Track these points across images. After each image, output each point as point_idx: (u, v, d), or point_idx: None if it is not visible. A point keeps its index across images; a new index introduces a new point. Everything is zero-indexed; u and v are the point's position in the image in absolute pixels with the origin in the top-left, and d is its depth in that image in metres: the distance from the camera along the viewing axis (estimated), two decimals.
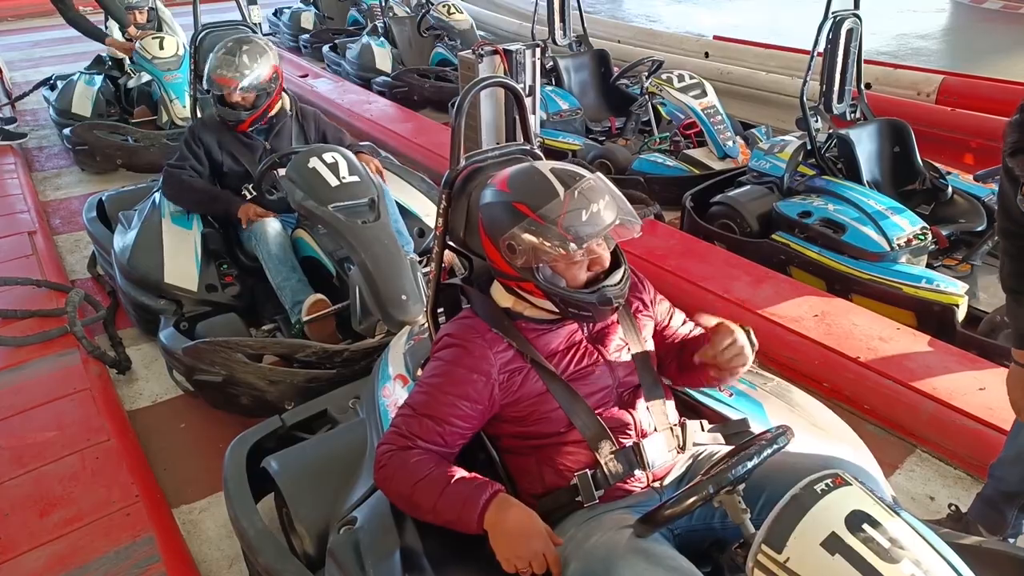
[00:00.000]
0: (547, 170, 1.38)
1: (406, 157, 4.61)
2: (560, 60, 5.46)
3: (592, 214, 1.32)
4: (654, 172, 4.44)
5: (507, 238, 1.35)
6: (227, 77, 2.86)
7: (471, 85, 1.67)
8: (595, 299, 1.37)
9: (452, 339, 1.45)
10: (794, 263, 3.38)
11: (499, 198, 1.39)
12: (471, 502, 1.28)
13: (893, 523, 1.12)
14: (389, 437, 1.40)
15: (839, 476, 1.19)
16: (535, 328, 1.46)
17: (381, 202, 2.67)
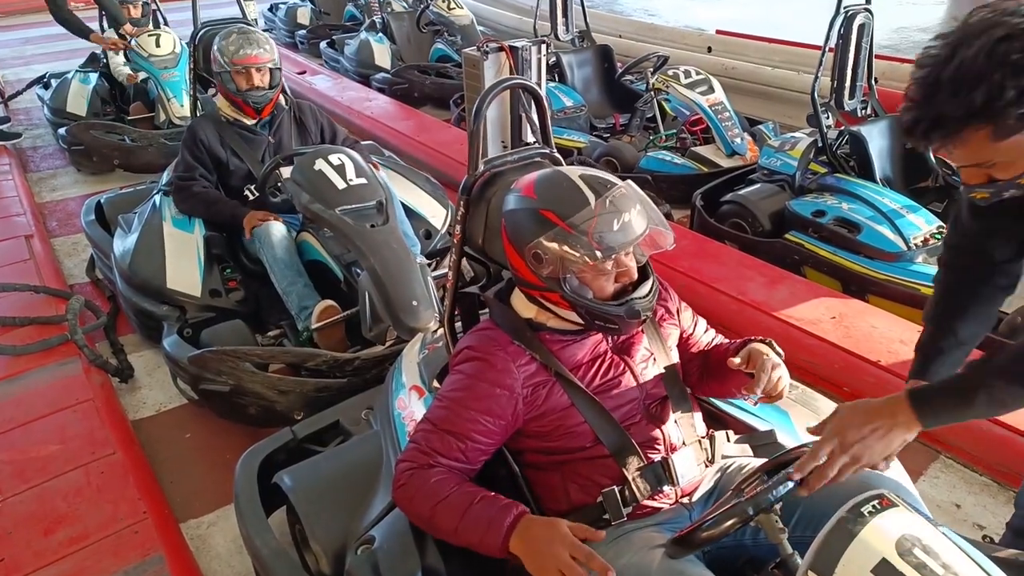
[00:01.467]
0: (576, 176, 1.32)
1: (408, 155, 4.55)
2: (563, 56, 5.39)
3: (624, 223, 1.26)
4: (662, 170, 4.38)
5: (533, 247, 1.30)
6: (253, 54, 2.86)
7: (490, 88, 1.62)
8: (623, 312, 1.32)
9: (473, 352, 1.39)
10: (809, 263, 3.33)
11: (525, 205, 1.33)
12: (495, 526, 1.22)
13: (943, 546, 1.08)
14: (409, 454, 1.35)
15: (885, 497, 1.14)
16: (559, 340, 1.40)
17: (389, 204, 2.61)
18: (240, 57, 2.84)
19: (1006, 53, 0.97)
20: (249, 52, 2.86)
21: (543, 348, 1.38)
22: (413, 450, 1.35)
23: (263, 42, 2.93)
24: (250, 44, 2.88)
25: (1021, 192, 1.12)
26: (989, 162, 1.08)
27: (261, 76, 2.89)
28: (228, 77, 2.88)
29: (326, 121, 3.22)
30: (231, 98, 2.92)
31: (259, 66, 2.87)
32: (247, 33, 2.95)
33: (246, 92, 2.87)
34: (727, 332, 2.85)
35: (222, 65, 2.87)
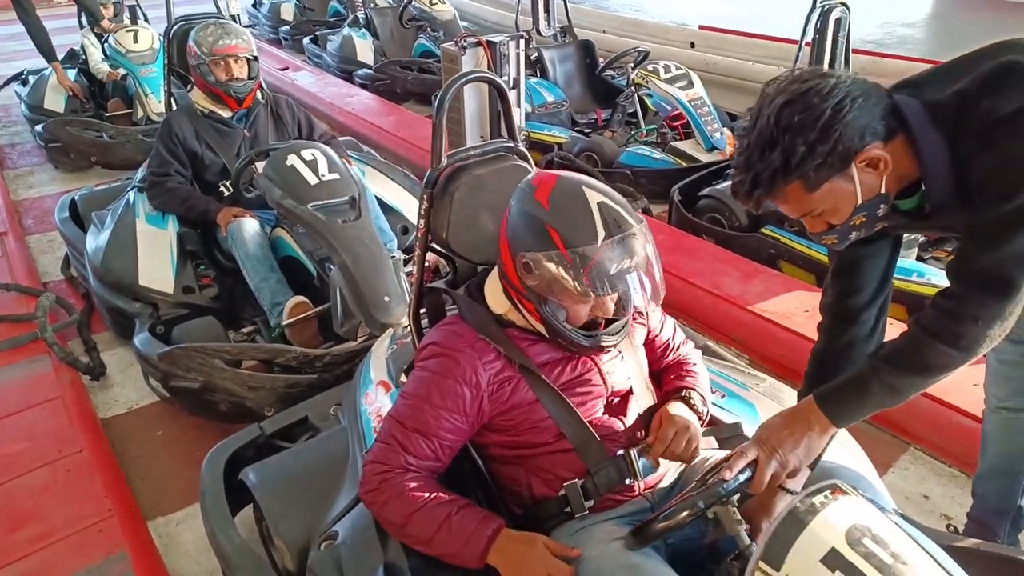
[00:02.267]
0: (595, 203, 1.25)
1: (389, 151, 4.54)
2: (545, 51, 5.38)
3: (621, 270, 1.24)
4: (641, 165, 4.38)
5: (527, 257, 1.27)
6: (232, 44, 2.87)
7: (451, 81, 1.61)
8: (588, 344, 1.34)
9: (438, 348, 1.38)
10: (784, 257, 3.34)
11: (534, 211, 1.28)
12: (473, 541, 1.24)
13: (894, 535, 1.08)
14: (378, 453, 1.34)
15: (837, 487, 1.15)
16: (527, 337, 1.39)
17: (362, 200, 2.60)
18: (219, 47, 2.84)
19: (788, 116, 1.10)
20: (228, 42, 2.85)
21: (510, 343, 1.37)
22: (382, 449, 1.33)
23: (240, 33, 2.93)
24: (228, 35, 2.87)
25: (864, 232, 1.22)
26: (816, 211, 1.18)
27: (240, 67, 2.88)
28: (206, 69, 2.86)
29: (303, 115, 3.21)
30: (210, 90, 2.91)
31: (237, 56, 2.86)
32: (224, 25, 2.94)
33: (226, 83, 2.86)
34: (702, 327, 2.90)
35: (200, 56, 2.86)
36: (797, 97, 1.10)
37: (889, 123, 1.14)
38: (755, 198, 1.17)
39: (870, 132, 1.12)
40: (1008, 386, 1.70)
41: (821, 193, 1.14)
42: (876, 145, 1.12)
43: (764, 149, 1.12)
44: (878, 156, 1.13)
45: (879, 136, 1.13)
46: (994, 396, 1.74)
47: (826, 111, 1.09)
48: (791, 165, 1.11)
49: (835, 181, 1.13)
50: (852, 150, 1.11)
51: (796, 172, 1.11)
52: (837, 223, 1.19)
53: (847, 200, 1.16)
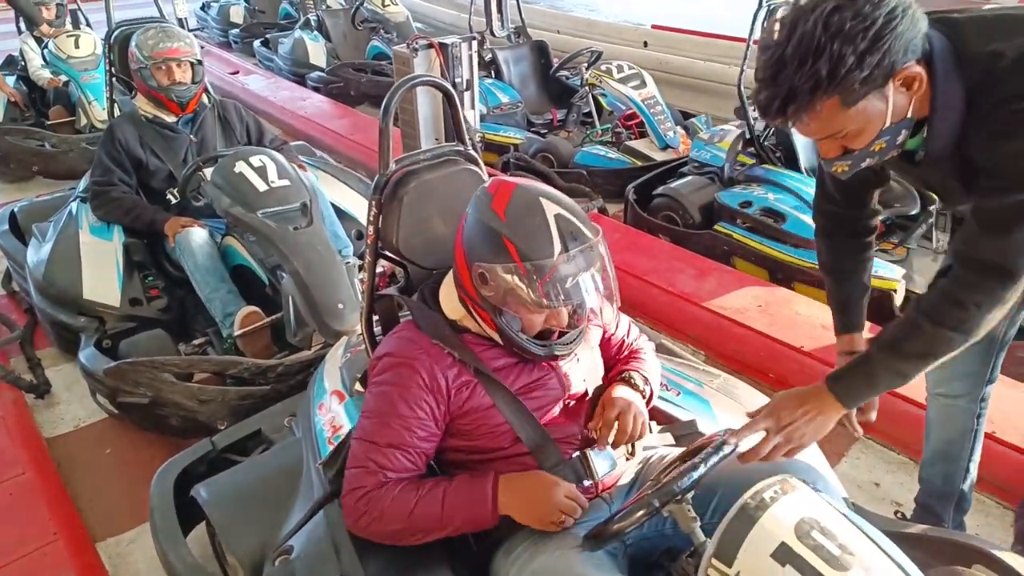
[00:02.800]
0: (552, 216, 1.25)
1: (343, 155, 4.49)
2: (499, 52, 5.38)
3: (576, 284, 1.24)
4: (597, 165, 4.41)
5: (483, 268, 1.26)
6: (173, 47, 2.80)
7: (397, 85, 1.59)
8: (542, 353, 1.34)
9: (394, 359, 1.35)
10: (737, 254, 3.39)
11: (491, 222, 1.26)
12: (478, 500, 1.27)
13: (842, 527, 1.10)
14: (358, 478, 1.30)
15: (786, 481, 1.17)
16: (481, 342, 1.39)
17: (314, 206, 2.56)
18: (160, 51, 2.77)
19: (840, 22, 1.02)
20: (169, 45, 2.78)
21: (465, 348, 1.36)
22: (358, 474, 1.30)
23: (183, 36, 2.86)
24: (169, 38, 2.81)
25: (876, 160, 1.18)
26: (842, 132, 1.13)
27: (183, 71, 2.81)
28: (148, 73, 2.79)
29: (252, 120, 3.14)
30: (152, 94, 2.83)
31: (180, 60, 2.79)
32: (165, 28, 2.88)
33: (168, 88, 2.79)
34: (658, 324, 2.92)
35: (141, 61, 2.78)
36: (847, 2, 1.03)
37: (924, 45, 1.09)
38: (789, 113, 1.09)
39: (912, 49, 1.06)
40: (943, 373, 1.73)
41: (856, 110, 1.08)
42: (914, 63, 1.07)
43: (807, 58, 1.03)
44: (914, 74, 1.08)
45: (918, 54, 1.08)
46: (932, 382, 1.80)
47: (878, 19, 1.02)
48: (837, 76, 1.03)
49: (871, 98, 1.08)
50: (895, 65, 1.05)
51: (840, 85, 1.04)
52: (857, 147, 1.15)
53: (876, 121, 1.11)
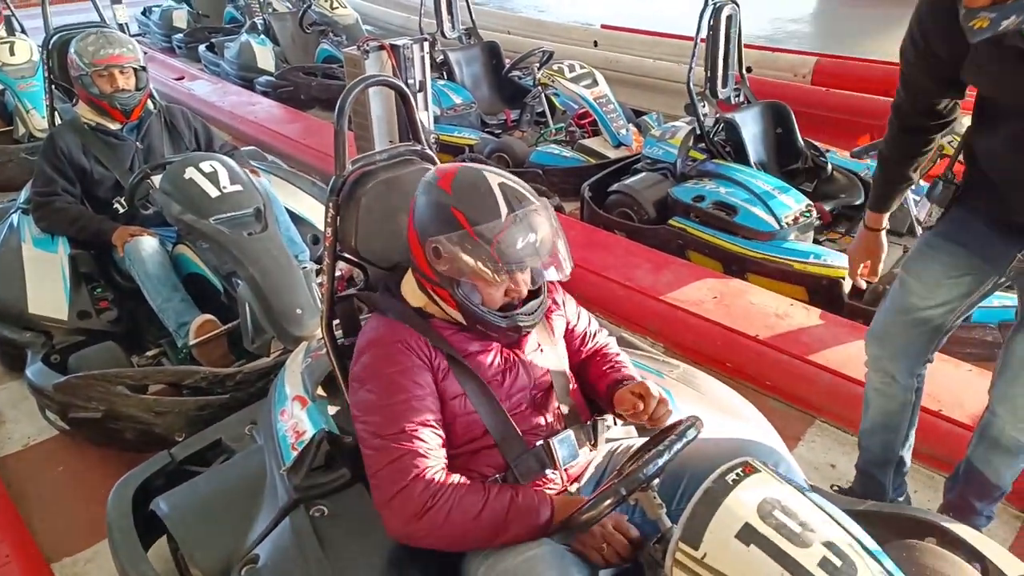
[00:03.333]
0: (496, 184, 1.29)
1: (295, 160, 4.43)
2: (451, 54, 5.38)
3: (528, 243, 1.26)
4: (552, 164, 4.45)
5: (435, 242, 1.28)
6: (115, 54, 2.72)
7: (350, 86, 1.59)
8: (505, 325, 1.34)
9: (380, 345, 1.34)
10: (692, 247, 3.46)
11: (438, 197, 1.30)
12: (538, 517, 1.25)
13: (802, 505, 1.14)
14: (397, 476, 1.23)
15: (748, 464, 1.19)
16: (449, 328, 1.39)
17: (268, 211, 2.53)
18: (102, 57, 2.69)
19: None
20: (111, 52, 2.71)
21: (435, 333, 1.37)
22: (395, 471, 1.23)
23: (125, 42, 2.79)
24: (111, 44, 2.73)
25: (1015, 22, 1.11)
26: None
27: (126, 78, 2.74)
28: (90, 80, 2.71)
29: (200, 126, 3.08)
30: (95, 102, 2.75)
31: (122, 66, 2.72)
32: (106, 34, 2.80)
33: (112, 95, 2.72)
34: (617, 318, 2.96)
35: (82, 68, 2.70)
36: None
37: None
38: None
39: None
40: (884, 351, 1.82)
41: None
42: None
43: None
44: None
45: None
46: (872, 359, 1.87)
47: None
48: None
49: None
50: None
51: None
52: None
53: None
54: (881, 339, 1.82)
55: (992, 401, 1.69)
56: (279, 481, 1.57)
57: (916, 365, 1.80)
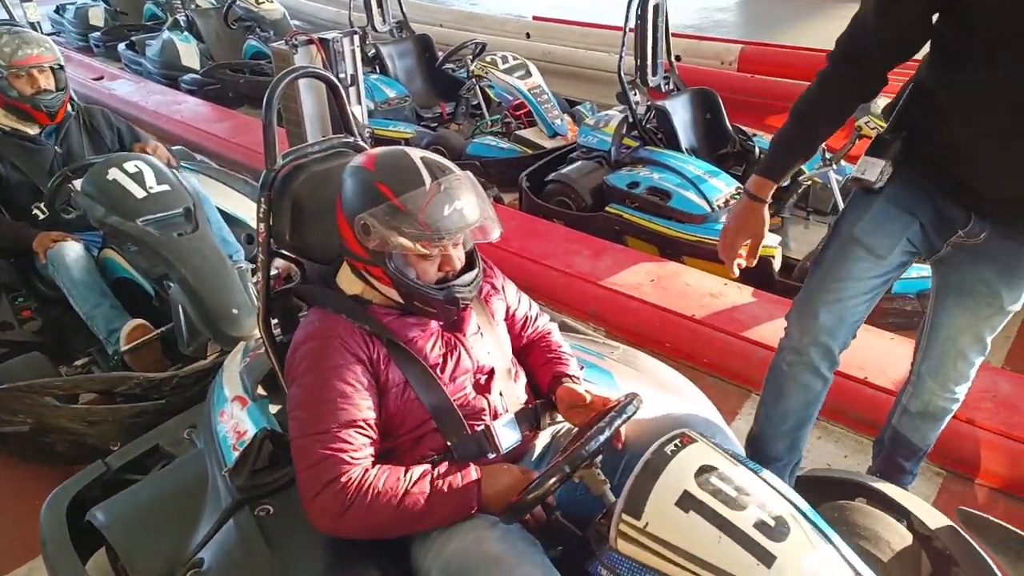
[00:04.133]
0: (417, 157, 1.32)
1: (226, 159, 4.32)
2: (382, 47, 5.33)
3: (454, 210, 1.27)
4: (488, 155, 4.46)
5: (362, 218, 1.28)
6: (34, 54, 2.60)
7: (278, 78, 1.57)
8: (442, 297, 1.34)
9: (312, 341, 1.33)
10: (628, 232, 3.53)
11: (361, 175, 1.32)
12: (465, 494, 1.25)
13: (737, 472, 1.18)
14: (321, 474, 1.23)
15: (685, 435, 1.23)
16: (389, 313, 1.39)
17: (198, 210, 2.46)
18: (20, 59, 2.57)
19: None
20: (29, 52, 2.59)
21: (374, 320, 1.36)
22: (320, 470, 1.23)
23: (41, 40, 2.67)
24: (28, 44, 2.61)
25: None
26: None
27: (46, 78, 2.63)
28: (6, 83, 2.58)
29: (124, 126, 2.97)
30: (13, 105, 2.63)
31: (42, 66, 2.61)
32: (20, 33, 2.67)
33: (33, 97, 2.60)
34: (559, 304, 3.00)
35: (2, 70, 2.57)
36: None
37: None
38: None
39: None
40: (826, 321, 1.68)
41: None
42: None
43: None
44: None
45: None
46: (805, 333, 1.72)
47: None
48: None
49: None
50: None
51: None
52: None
53: None
54: (820, 312, 1.65)
55: (919, 373, 1.74)
56: (221, 483, 1.54)
57: (848, 339, 1.70)
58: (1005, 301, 1.54)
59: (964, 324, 1.61)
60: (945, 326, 1.64)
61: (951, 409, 1.76)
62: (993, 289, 1.53)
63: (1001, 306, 1.54)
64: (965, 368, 1.67)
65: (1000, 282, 1.52)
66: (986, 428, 2.18)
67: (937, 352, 1.68)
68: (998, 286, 1.52)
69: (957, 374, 1.68)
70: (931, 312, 1.68)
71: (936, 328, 1.67)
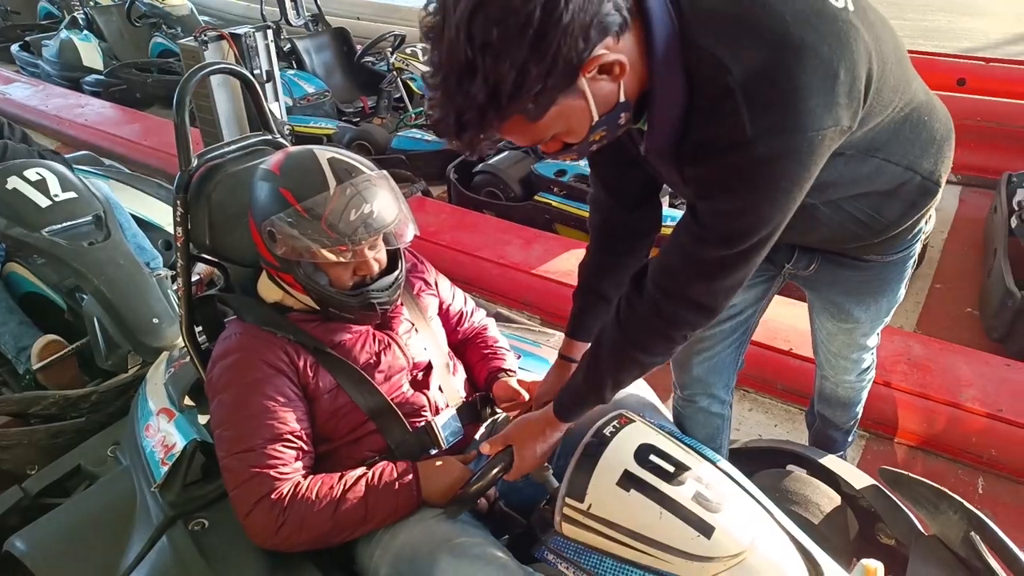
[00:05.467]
0: (325, 159, 1.26)
1: (137, 163, 4.14)
2: (298, 42, 5.20)
3: (363, 214, 1.22)
4: (414, 148, 4.41)
5: (268, 224, 1.24)
6: None
7: (188, 75, 1.50)
8: (356, 303, 1.31)
9: (230, 357, 1.29)
10: (558, 220, 3.56)
11: (267, 180, 1.27)
12: (404, 492, 1.24)
13: (674, 448, 1.21)
14: (250, 492, 1.20)
15: (623, 416, 1.26)
16: (312, 319, 1.36)
17: (109, 217, 2.35)
18: None
19: (485, 30, 0.79)
20: None
21: (296, 328, 1.32)
22: (249, 487, 1.20)
23: None
24: None
25: (608, 140, 0.99)
26: (547, 136, 0.94)
27: None
28: None
29: (20, 134, 2.79)
30: None
31: None
32: None
33: None
34: (493, 295, 3.00)
35: None
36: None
37: (621, 14, 0.85)
38: (467, 142, 0.89)
39: (597, 28, 0.82)
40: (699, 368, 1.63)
41: (548, 120, 0.88)
42: (606, 44, 0.84)
43: (461, 77, 0.82)
44: (611, 61, 0.85)
45: (609, 31, 0.84)
46: (683, 384, 1.69)
47: (534, 13, 0.77)
48: (501, 100, 0.82)
49: (562, 102, 0.87)
50: (578, 59, 0.82)
51: (510, 106, 0.84)
52: (575, 141, 0.96)
53: (581, 119, 0.91)
54: (689, 360, 1.61)
55: (820, 364, 1.76)
56: (151, 500, 1.48)
57: (732, 376, 1.65)
58: (862, 317, 1.50)
59: (838, 334, 1.60)
60: (824, 332, 1.64)
61: (860, 394, 1.78)
62: (844, 308, 1.50)
63: (860, 319, 1.50)
64: (849, 364, 1.67)
65: (850, 302, 1.48)
66: (902, 389, 2.31)
67: (826, 353, 1.69)
68: (849, 306, 1.49)
69: (853, 366, 1.68)
70: (810, 320, 1.68)
71: (818, 334, 1.68)
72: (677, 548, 1.08)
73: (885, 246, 1.34)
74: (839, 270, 1.42)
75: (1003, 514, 1.98)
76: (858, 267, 1.40)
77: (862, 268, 1.39)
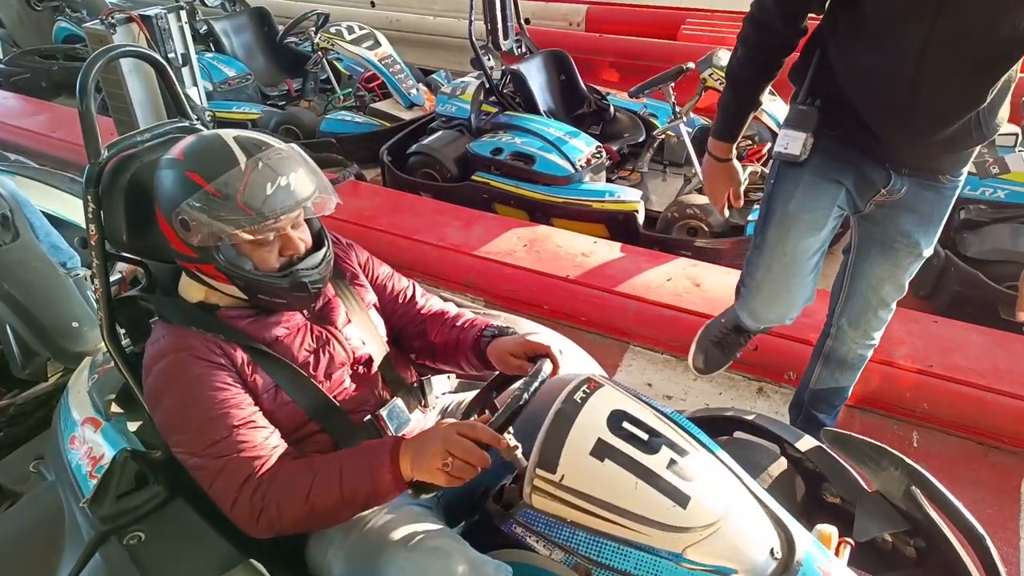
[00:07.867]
0: (230, 138, 1.19)
1: (46, 156, 3.90)
2: (215, 23, 4.97)
3: (279, 188, 1.15)
4: (344, 131, 4.29)
5: (179, 212, 1.15)
6: None
7: (91, 60, 1.39)
8: (286, 284, 1.22)
9: (163, 360, 1.20)
10: (497, 199, 3.52)
11: (171, 167, 1.19)
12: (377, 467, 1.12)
13: (646, 414, 1.19)
14: (228, 484, 1.14)
15: (592, 380, 1.22)
16: (244, 315, 1.28)
17: (18, 216, 2.19)
18: None
19: None
20: None
21: (227, 326, 1.25)
22: (227, 480, 1.14)
23: None
24: None
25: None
26: None
27: None
28: None
29: None
30: None
31: None
32: None
33: None
34: (435, 279, 2.95)
35: None
36: None
37: None
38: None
39: None
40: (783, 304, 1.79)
41: None
42: None
43: None
44: None
45: None
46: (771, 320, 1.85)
47: None
48: None
49: None
50: None
51: None
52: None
53: None
54: (775, 297, 1.76)
55: (839, 326, 1.83)
56: (81, 516, 1.39)
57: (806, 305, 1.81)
58: (923, 248, 1.64)
59: (886, 273, 1.70)
60: (867, 276, 1.73)
61: (867, 356, 1.87)
62: (912, 239, 1.63)
63: (920, 253, 1.65)
64: (885, 314, 1.78)
65: (919, 231, 1.62)
66: None
67: (859, 302, 1.77)
68: (917, 235, 1.62)
69: (878, 321, 1.78)
70: (852, 265, 1.76)
71: (858, 279, 1.75)
72: (653, 519, 1.06)
73: (963, 161, 1.54)
74: (921, 192, 1.57)
75: (937, 465, 2.04)
76: (936, 189, 1.57)
77: (939, 190, 1.57)
